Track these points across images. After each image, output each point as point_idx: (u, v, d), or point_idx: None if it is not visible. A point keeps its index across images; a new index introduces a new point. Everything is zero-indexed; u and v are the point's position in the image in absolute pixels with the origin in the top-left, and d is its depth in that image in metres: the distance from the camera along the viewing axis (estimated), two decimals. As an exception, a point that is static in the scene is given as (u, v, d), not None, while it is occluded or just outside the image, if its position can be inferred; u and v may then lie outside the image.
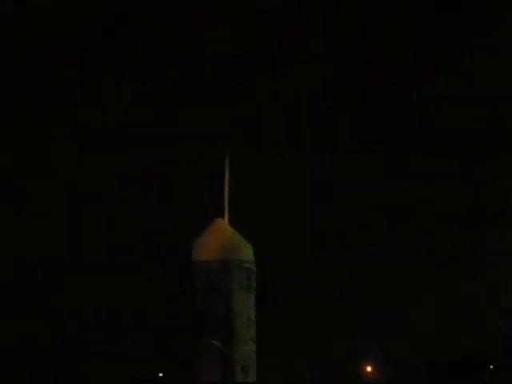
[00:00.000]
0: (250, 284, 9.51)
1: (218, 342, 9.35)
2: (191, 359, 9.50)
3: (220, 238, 9.44)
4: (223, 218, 9.67)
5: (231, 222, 9.67)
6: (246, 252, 9.49)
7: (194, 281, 9.54)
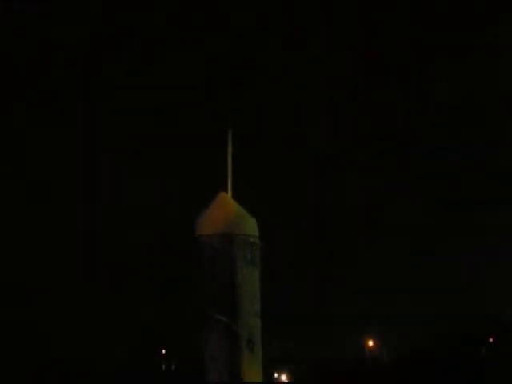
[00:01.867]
0: (255, 258, 9.45)
1: (223, 316, 9.31)
2: (196, 334, 9.46)
3: (224, 212, 9.36)
4: (227, 192, 9.59)
5: (235, 197, 9.59)
6: (250, 226, 9.43)
7: (198, 255, 9.48)
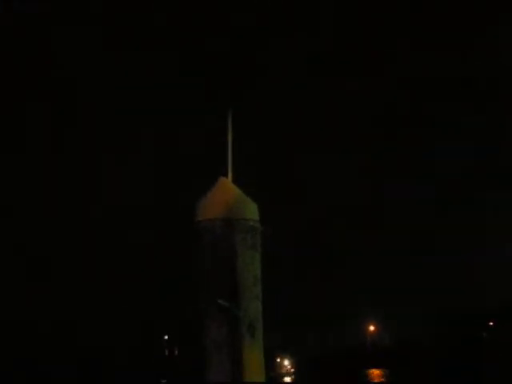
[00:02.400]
0: (255, 242, 9.46)
1: (224, 300, 9.34)
2: (198, 319, 9.48)
3: (224, 197, 9.37)
4: (227, 177, 9.60)
5: (235, 181, 9.60)
6: (251, 210, 9.43)
7: (199, 240, 9.50)
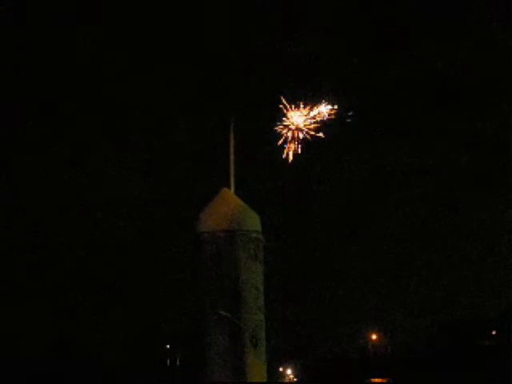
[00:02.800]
0: (258, 254, 9.46)
1: (227, 312, 9.33)
2: (200, 330, 9.47)
3: (226, 208, 9.37)
4: (229, 188, 9.59)
5: (238, 192, 9.60)
6: (253, 222, 9.43)
7: (201, 252, 9.49)
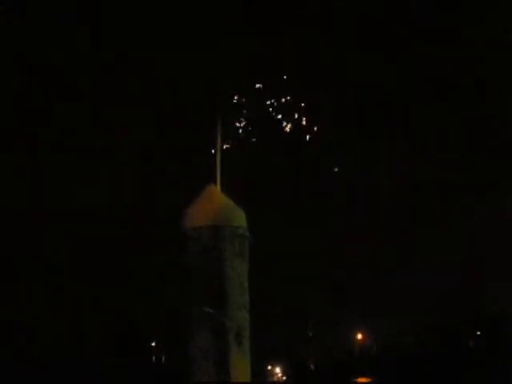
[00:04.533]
0: (243, 250, 9.41)
1: (211, 308, 9.27)
2: (184, 327, 9.41)
3: (211, 204, 9.32)
4: (215, 184, 9.55)
5: (223, 189, 9.55)
6: (239, 218, 9.38)
7: (186, 247, 9.44)
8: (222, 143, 9.71)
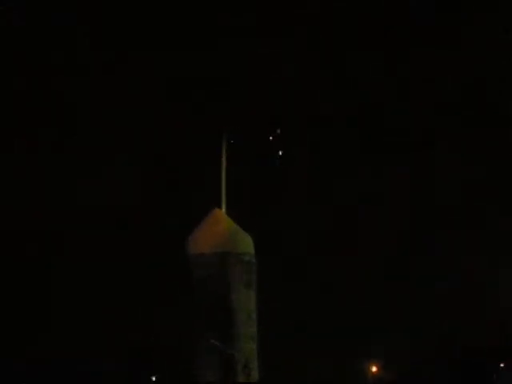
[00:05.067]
0: (251, 279, 8.89)
1: (217, 340, 8.76)
2: (189, 360, 8.91)
3: (217, 229, 8.81)
4: (220, 207, 9.05)
5: (229, 213, 9.05)
6: (246, 244, 8.87)
7: (191, 276, 8.94)
8: (228, 163, 9.20)
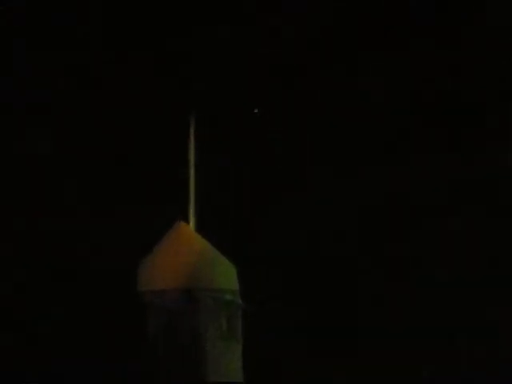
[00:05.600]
0: (234, 326, 6.03)
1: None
2: None
3: (182, 253, 5.90)
4: (187, 221, 6.19)
5: (201, 228, 6.21)
6: (226, 276, 5.98)
7: (146, 321, 6.10)
8: (197, 160, 6.49)
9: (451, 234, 8.53)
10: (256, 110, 7.41)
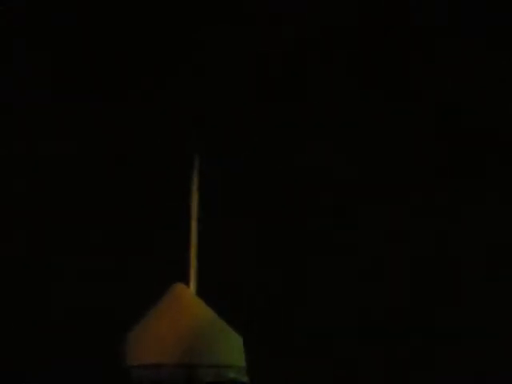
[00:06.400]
0: (238, 408, 5.20)
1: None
2: None
3: (179, 323, 5.09)
4: (187, 283, 5.40)
5: (202, 292, 5.42)
6: (229, 349, 5.15)
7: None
8: (201, 214, 5.79)
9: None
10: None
